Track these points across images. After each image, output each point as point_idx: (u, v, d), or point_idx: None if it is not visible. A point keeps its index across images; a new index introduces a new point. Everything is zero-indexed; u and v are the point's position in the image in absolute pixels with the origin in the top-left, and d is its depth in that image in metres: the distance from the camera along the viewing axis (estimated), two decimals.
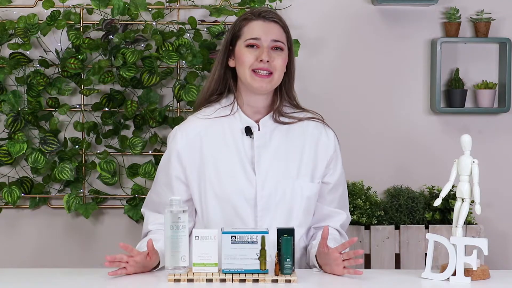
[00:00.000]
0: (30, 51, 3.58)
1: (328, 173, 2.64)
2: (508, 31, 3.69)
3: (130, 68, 3.49)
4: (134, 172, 3.62)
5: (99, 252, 3.69)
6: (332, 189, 2.65)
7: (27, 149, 3.52)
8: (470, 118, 3.71)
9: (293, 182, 2.56)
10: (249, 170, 2.54)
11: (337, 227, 2.65)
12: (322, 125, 2.65)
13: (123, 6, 3.52)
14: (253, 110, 2.60)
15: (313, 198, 2.61)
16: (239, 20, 2.59)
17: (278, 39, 2.55)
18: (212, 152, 2.56)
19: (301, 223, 2.59)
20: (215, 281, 2.28)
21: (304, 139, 2.61)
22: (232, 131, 2.57)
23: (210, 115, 2.59)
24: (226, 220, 2.54)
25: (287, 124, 2.60)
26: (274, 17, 2.57)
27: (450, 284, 2.31)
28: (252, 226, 2.54)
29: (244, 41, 2.55)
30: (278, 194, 2.55)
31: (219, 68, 2.60)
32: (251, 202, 2.54)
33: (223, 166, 2.55)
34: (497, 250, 3.67)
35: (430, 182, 3.64)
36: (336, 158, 2.65)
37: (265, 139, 2.56)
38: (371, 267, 3.50)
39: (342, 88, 3.70)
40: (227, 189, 2.54)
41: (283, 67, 2.55)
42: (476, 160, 2.38)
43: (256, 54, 2.53)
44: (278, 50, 2.55)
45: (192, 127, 2.59)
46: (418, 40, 3.69)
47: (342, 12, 3.68)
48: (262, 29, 2.54)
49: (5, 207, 3.67)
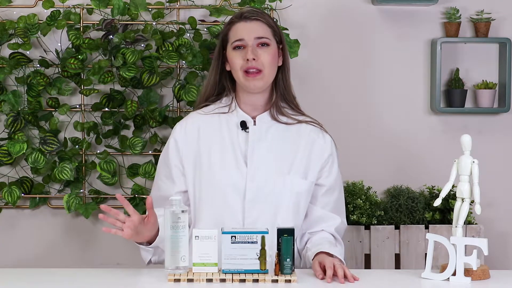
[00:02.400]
0: (30, 51, 3.58)
1: (322, 176, 2.66)
2: (508, 31, 3.69)
3: (130, 68, 3.49)
4: (134, 172, 3.62)
5: (99, 252, 3.70)
6: (326, 192, 2.67)
7: (27, 149, 3.52)
8: (470, 118, 3.71)
9: (284, 178, 2.60)
10: (241, 162, 2.60)
11: (332, 231, 2.66)
12: (320, 130, 2.70)
13: (123, 6, 3.52)
14: (251, 108, 2.66)
15: (303, 195, 2.63)
16: (225, 25, 2.69)
17: (262, 36, 2.61)
18: (208, 144, 2.63)
19: (289, 218, 2.61)
20: (215, 281, 2.28)
21: (300, 140, 2.65)
22: (228, 126, 2.64)
23: (209, 112, 2.68)
24: (216, 210, 2.59)
25: (285, 124, 2.64)
26: (254, 15, 2.64)
27: (450, 284, 2.31)
28: (240, 217, 2.57)
29: (231, 44, 2.63)
30: (268, 187, 2.59)
31: (214, 73, 2.69)
32: (240, 193, 2.58)
33: (217, 157, 2.61)
34: (497, 250, 3.67)
35: (430, 182, 3.64)
36: (332, 161, 2.68)
37: (260, 134, 2.62)
38: (371, 267, 3.50)
39: (342, 88, 3.70)
40: (219, 179, 2.59)
41: (272, 62, 2.61)
42: (476, 160, 2.38)
43: (243, 55, 2.60)
44: (264, 46, 2.61)
45: (191, 121, 2.68)
46: (418, 40, 3.69)
47: (342, 12, 3.68)
48: (245, 29, 2.62)
49: (5, 207, 3.66)
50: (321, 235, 2.63)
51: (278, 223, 2.58)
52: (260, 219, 2.57)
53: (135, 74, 3.50)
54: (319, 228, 2.65)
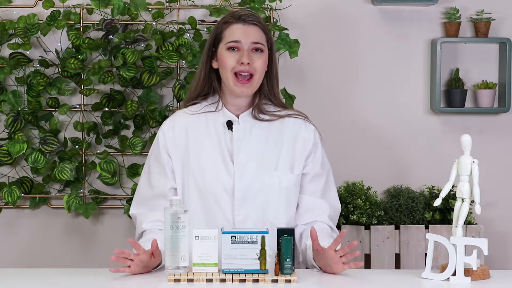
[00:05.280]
0: (30, 51, 3.58)
1: (307, 165, 2.68)
2: (508, 31, 3.69)
3: (130, 68, 3.49)
4: (134, 172, 3.62)
5: (99, 252, 3.70)
6: (312, 179, 2.68)
7: (27, 149, 3.52)
8: (470, 118, 3.71)
9: (271, 174, 2.63)
10: (229, 161, 2.62)
11: (326, 220, 2.67)
12: (303, 121, 2.71)
13: (123, 6, 3.52)
14: (235, 108, 2.68)
15: (292, 189, 2.65)
16: (220, 23, 2.68)
17: (258, 41, 2.63)
18: (196, 144, 2.65)
19: (281, 214, 2.63)
20: (215, 281, 2.28)
21: (284, 135, 2.68)
22: (215, 125, 2.66)
23: (196, 111, 2.69)
24: (207, 209, 2.61)
25: (267, 121, 2.67)
26: (253, 20, 2.65)
27: (450, 284, 2.31)
28: (230, 215, 2.59)
29: (225, 44, 2.63)
30: (256, 184, 2.61)
31: (203, 70, 2.69)
32: (229, 192, 2.61)
33: (205, 157, 2.63)
34: (497, 250, 3.67)
35: (430, 182, 3.64)
36: (315, 150, 2.69)
37: (244, 133, 2.64)
38: (371, 267, 3.50)
39: (342, 88, 3.70)
40: (208, 179, 2.62)
41: (263, 68, 2.64)
42: (476, 160, 2.38)
43: (236, 57, 2.61)
44: (258, 52, 2.63)
45: (179, 120, 2.69)
46: (418, 40, 3.69)
47: (342, 12, 3.68)
48: (242, 31, 2.63)
49: (5, 207, 3.66)
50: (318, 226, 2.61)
51: (270, 219, 2.60)
52: (250, 217, 2.60)
53: (135, 74, 3.51)
54: (312, 218, 2.66)
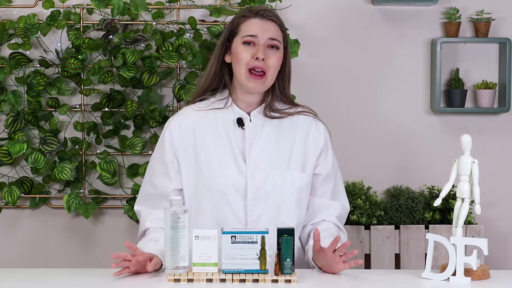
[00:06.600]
0: (30, 51, 3.58)
1: (319, 165, 2.66)
2: (508, 31, 3.69)
3: (130, 68, 3.49)
4: (134, 172, 3.62)
5: (99, 252, 3.70)
6: (324, 180, 2.66)
7: (27, 149, 3.52)
8: (470, 118, 3.71)
9: (283, 173, 2.59)
10: (240, 160, 2.58)
11: (334, 220, 2.65)
12: (313, 119, 2.69)
13: (123, 6, 3.52)
14: (245, 105, 2.64)
15: (304, 189, 2.63)
16: (237, 17, 2.64)
17: (275, 37, 2.59)
18: (205, 143, 2.60)
19: (293, 214, 2.61)
20: (215, 281, 2.28)
21: (295, 132, 2.64)
22: (224, 123, 2.61)
23: (204, 107, 2.64)
24: (216, 210, 2.57)
25: (277, 119, 2.63)
26: (271, 16, 2.62)
27: (450, 284, 2.31)
28: (242, 216, 2.56)
29: (241, 38, 2.59)
30: (269, 184, 2.58)
31: (215, 63, 2.65)
32: (241, 192, 2.57)
33: (214, 156, 2.59)
34: (497, 250, 3.67)
35: (430, 182, 3.64)
36: (327, 149, 2.67)
37: (256, 130, 2.61)
38: (371, 267, 3.50)
39: (342, 88, 3.70)
40: (218, 179, 2.57)
41: (277, 66, 2.60)
42: (476, 160, 2.38)
43: (252, 52, 2.57)
44: (274, 49, 2.59)
45: (186, 117, 2.64)
46: (418, 40, 3.69)
47: (342, 12, 3.68)
48: (259, 26, 2.58)
49: (5, 207, 3.66)
50: (324, 226, 2.61)
51: (282, 219, 2.57)
52: (263, 216, 2.57)
53: (135, 74, 3.50)
54: (320, 218, 2.64)
